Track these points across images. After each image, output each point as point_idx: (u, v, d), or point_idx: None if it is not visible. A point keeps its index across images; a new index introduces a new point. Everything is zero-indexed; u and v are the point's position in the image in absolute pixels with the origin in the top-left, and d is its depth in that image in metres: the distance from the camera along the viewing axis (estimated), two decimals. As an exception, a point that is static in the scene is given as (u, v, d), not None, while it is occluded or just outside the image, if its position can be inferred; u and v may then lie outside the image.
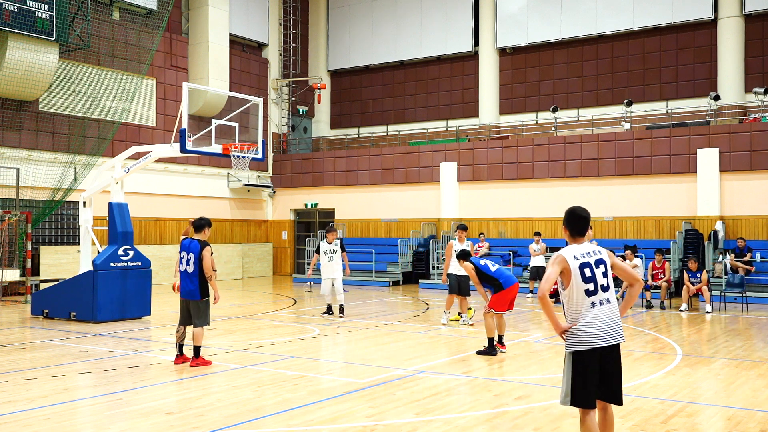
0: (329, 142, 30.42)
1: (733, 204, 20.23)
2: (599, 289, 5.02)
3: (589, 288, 4.99)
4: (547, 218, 22.94)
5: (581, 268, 5.00)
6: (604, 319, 4.98)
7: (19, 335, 12.55)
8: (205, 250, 9.29)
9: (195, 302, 9.36)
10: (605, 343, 4.94)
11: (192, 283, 9.30)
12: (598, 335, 4.93)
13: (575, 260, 5.03)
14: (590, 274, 5.00)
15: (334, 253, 14.54)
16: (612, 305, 5.08)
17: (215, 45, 25.11)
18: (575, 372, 4.94)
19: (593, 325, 4.94)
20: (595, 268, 5.05)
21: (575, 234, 5.20)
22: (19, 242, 18.62)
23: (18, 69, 18.82)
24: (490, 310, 10.45)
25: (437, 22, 27.92)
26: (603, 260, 5.11)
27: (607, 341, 4.95)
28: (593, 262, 5.05)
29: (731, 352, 10.68)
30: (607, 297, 5.05)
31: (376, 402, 7.49)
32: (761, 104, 21.21)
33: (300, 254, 28.39)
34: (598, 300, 5.00)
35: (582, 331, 4.94)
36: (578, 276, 4.99)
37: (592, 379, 4.91)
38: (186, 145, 13.41)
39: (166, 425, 6.63)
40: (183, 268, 9.38)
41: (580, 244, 5.16)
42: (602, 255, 5.13)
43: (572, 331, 4.98)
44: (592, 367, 4.92)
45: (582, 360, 4.92)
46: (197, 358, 9.34)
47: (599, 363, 4.96)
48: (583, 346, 4.93)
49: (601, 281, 5.04)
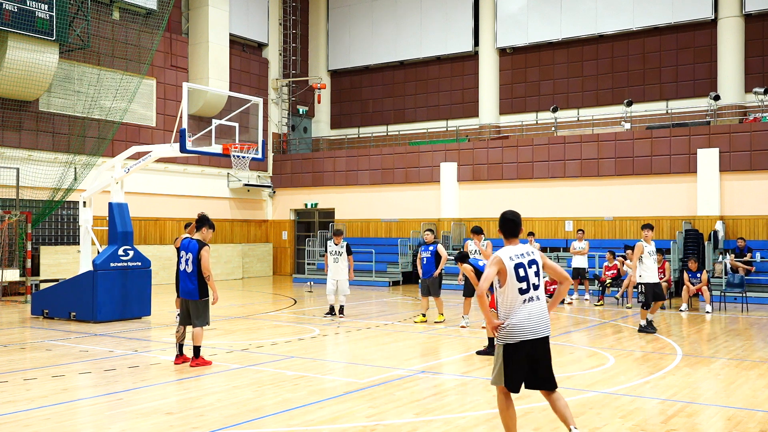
0: (329, 142, 30.42)
1: (733, 204, 20.23)
2: (531, 287, 5.45)
3: (522, 287, 5.43)
4: (547, 218, 22.94)
5: (516, 268, 5.42)
6: (534, 314, 5.41)
7: (19, 335, 12.55)
8: (204, 250, 9.27)
9: (194, 302, 9.33)
10: (534, 336, 5.38)
11: (191, 283, 9.28)
12: (528, 329, 5.35)
13: (510, 261, 5.44)
14: (524, 273, 5.42)
15: (339, 255, 14.56)
16: (541, 302, 5.50)
17: (215, 45, 25.11)
18: (506, 361, 5.39)
19: (524, 320, 5.38)
20: (528, 268, 5.47)
21: (509, 236, 5.62)
22: (19, 242, 18.63)
23: (18, 69, 18.82)
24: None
25: (437, 22, 27.92)
26: (535, 260, 5.53)
27: (535, 335, 5.38)
28: (526, 262, 5.47)
29: (731, 352, 10.67)
30: (537, 294, 5.48)
31: (376, 402, 7.49)
32: (761, 104, 21.21)
33: (300, 254, 28.38)
34: (529, 297, 5.44)
35: (514, 325, 5.37)
36: (513, 276, 5.41)
37: (521, 367, 5.36)
38: (186, 145, 13.41)
39: (166, 425, 6.63)
40: (182, 268, 9.37)
41: (514, 246, 5.57)
42: (535, 256, 5.55)
43: (505, 327, 5.40)
44: (521, 357, 5.36)
45: (512, 351, 5.35)
46: (197, 359, 9.34)
47: (527, 353, 5.37)
48: (513, 339, 5.36)
49: (533, 280, 5.48)
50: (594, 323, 14.19)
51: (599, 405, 7.37)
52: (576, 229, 20.37)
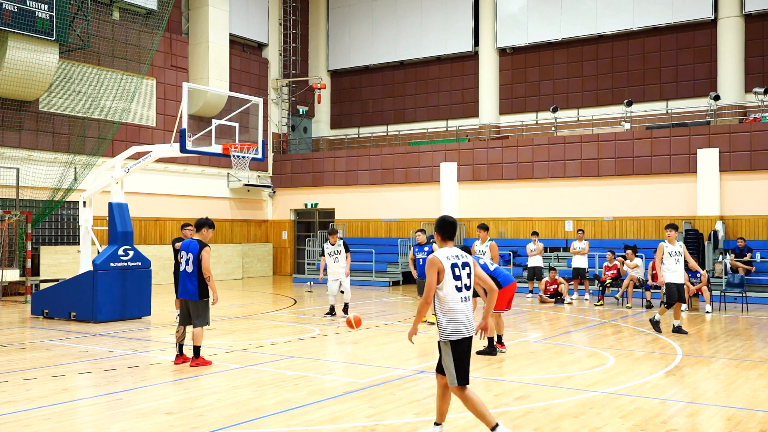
0: (329, 142, 30.42)
1: (733, 204, 20.23)
2: (464, 287, 5.82)
3: (457, 285, 5.80)
4: (547, 218, 22.95)
5: (452, 267, 5.79)
6: (468, 313, 5.82)
7: (19, 335, 12.55)
8: (204, 250, 9.29)
9: (194, 302, 9.34)
10: (468, 334, 5.80)
11: (191, 284, 9.29)
12: (466, 327, 5.78)
13: (447, 260, 5.80)
14: (458, 273, 5.80)
15: (338, 254, 14.55)
16: (470, 303, 5.90)
17: (215, 45, 25.11)
18: (456, 357, 5.73)
19: (463, 318, 5.78)
20: (462, 269, 5.86)
21: (445, 238, 6.00)
22: (19, 242, 18.63)
23: (18, 69, 18.82)
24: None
25: (437, 22, 27.92)
26: (468, 263, 5.92)
27: (469, 333, 5.81)
28: (460, 264, 5.86)
29: (731, 352, 10.67)
30: (468, 295, 5.86)
31: (376, 402, 7.49)
32: (761, 104, 21.21)
33: (300, 254, 28.39)
34: (464, 297, 5.82)
35: (458, 323, 5.75)
36: (449, 273, 5.75)
37: (467, 361, 5.79)
38: (186, 145, 13.41)
39: (166, 425, 6.63)
40: (182, 268, 9.38)
41: (450, 248, 5.94)
42: (468, 260, 5.94)
43: (447, 324, 5.74)
44: (466, 351, 5.78)
45: (458, 347, 5.74)
46: (197, 359, 9.34)
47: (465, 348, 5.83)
48: (458, 335, 5.75)
49: (465, 281, 5.85)
50: (594, 323, 14.19)
51: (599, 405, 7.37)
52: (576, 229, 20.37)
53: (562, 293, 17.83)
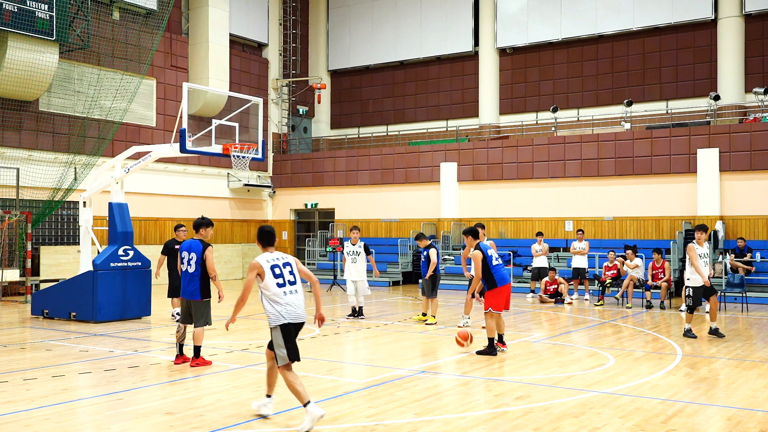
0: (329, 142, 30.42)
1: (733, 204, 20.23)
2: (287, 282, 6.80)
3: (279, 282, 6.78)
4: (547, 218, 22.95)
5: (272, 268, 6.78)
6: (295, 303, 6.77)
7: (19, 335, 12.55)
8: (208, 250, 9.30)
9: (196, 302, 9.33)
10: (296, 320, 6.74)
11: (193, 284, 9.29)
12: (291, 315, 6.70)
13: (267, 263, 6.79)
14: (279, 272, 6.79)
15: (357, 255, 14.49)
16: (300, 294, 6.86)
17: (215, 45, 25.10)
18: (285, 339, 6.66)
19: (288, 307, 6.72)
20: (283, 268, 6.85)
21: (265, 245, 7.02)
22: (19, 242, 18.63)
23: (18, 69, 18.82)
24: (489, 309, 10.41)
25: (437, 22, 27.91)
26: (289, 263, 6.92)
27: (296, 319, 6.74)
28: (281, 264, 6.87)
29: (731, 352, 10.67)
30: (295, 288, 6.83)
31: (376, 402, 7.49)
32: (761, 104, 21.22)
33: (300, 254, 28.37)
34: (288, 290, 6.77)
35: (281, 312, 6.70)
36: (270, 273, 6.76)
37: (294, 343, 6.72)
38: (186, 145, 13.41)
39: (166, 425, 6.62)
40: (184, 268, 9.36)
41: (271, 253, 6.95)
42: (289, 260, 6.95)
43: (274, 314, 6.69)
44: (292, 335, 6.70)
45: (286, 330, 6.68)
46: (197, 358, 9.35)
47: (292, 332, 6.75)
48: (283, 321, 6.68)
49: (288, 277, 6.84)
50: (594, 323, 14.19)
51: (599, 405, 7.37)
52: (576, 229, 20.37)
53: (562, 293, 17.83)
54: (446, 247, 23.75)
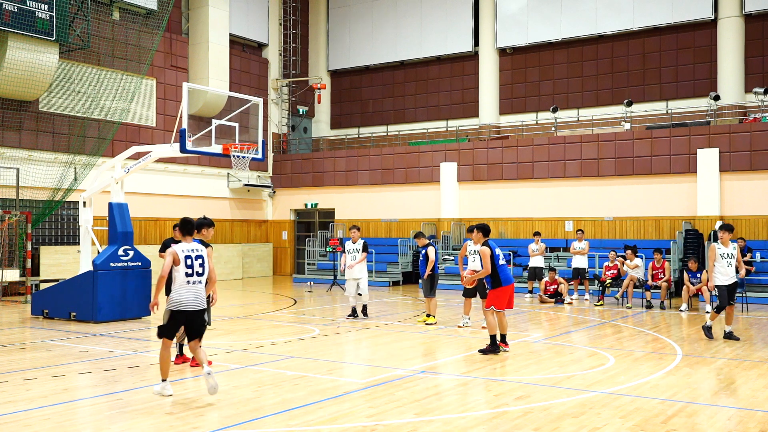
0: (329, 142, 30.42)
1: (733, 204, 20.23)
2: (195, 273, 7.71)
3: (188, 271, 7.65)
4: (547, 218, 22.95)
5: (185, 258, 7.67)
6: (194, 293, 7.68)
7: (19, 335, 12.55)
8: (209, 251, 9.18)
9: None
10: (193, 308, 7.66)
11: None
12: (187, 304, 7.61)
13: (182, 252, 7.68)
14: (190, 263, 7.68)
15: (357, 253, 14.43)
16: (201, 285, 7.78)
17: (215, 45, 25.10)
18: (171, 322, 7.70)
19: (187, 295, 7.63)
20: (195, 260, 7.75)
21: (185, 234, 7.92)
22: (19, 242, 18.63)
23: (18, 69, 18.82)
24: (491, 307, 10.41)
25: (437, 22, 27.92)
26: (201, 255, 7.82)
27: (194, 308, 7.68)
28: (194, 256, 7.75)
29: (731, 352, 10.67)
30: (200, 279, 7.76)
31: (376, 402, 7.49)
32: (761, 104, 21.21)
33: (300, 254, 28.39)
34: (193, 281, 7.70)
35: (180, 300, 7.60)
36: (183, 262, 7.62)
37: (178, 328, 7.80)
38: (186, 145, 13.41)
39: (166, 425, 6.63)
40: None
41: (188, 243, 7.86)
42: (202, 253, 7.85)
43: (174, 299, 7.61)
44: (180, 321, 7.71)
45: (175, 317, 7.65)
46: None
47: (186, 319, 7.71)
48: (178, 308, 7.60)
49: (197, 269, 7.75)
50: (594, 323, 14.19)
51: (599, 405, 7.37)
52: (576, 229, 20.37)
53: (562, 293, 17.83)
54: (446, 247, 23.75)
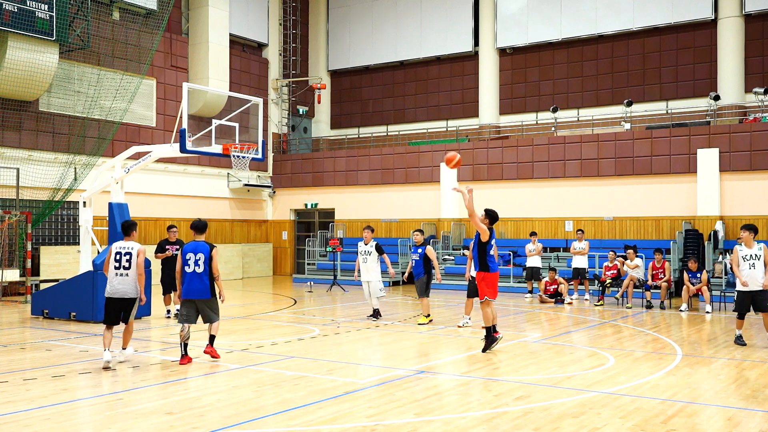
0: (329, 142, 30.42)
1: (733, 204, 20.23)
2: (121, 267, 9.47)
3: (116, 265, 9.47)
4: (547, 218, 22.95)
5: (116, 253, 9.51)
6: (121, 283, 9.48)
7: (19, 335, 12.55)
8: (215, 251, 9.66)
9: (207, 300, 9.66)
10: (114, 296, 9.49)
11: (202, 283, 9.57)
12: (114, 291, 9.48)
13: (115, 248, 9.54)
14: (119, 258, 9.50)
15: (368, 255, 14.32)
16: (127, 278, 9.47)
17: (215, 45, 25.10)
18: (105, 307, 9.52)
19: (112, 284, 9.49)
20: (123, 255, 9.49)
21: (126, 234, 9.70)
22: (19, 242, 18.63)
23: (18, 69, 18.82)
24: (485, 298, 10.46)
25: (437, 22, 27.92)
26: (130, 252, 9.53)
27: (114, 296, 9.48)
28: (123, 252, 9.53)
29: (731, 352, 10.68)
30: (126, 272, 9.47)
31: (376, 402, 7.49)
32: (761, 104, 21.22)
33: (300, 254, 28.39)
34: (119, 273, 9.45)
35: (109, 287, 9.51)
36: (113, 257, 9.52)
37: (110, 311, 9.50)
38: (186, 145, 13.40)
39: (166, 425, 6.63)
40: (190, 270, 9.56)
41: (126, 242, 9.60)
42: (132, 251, 9.54)
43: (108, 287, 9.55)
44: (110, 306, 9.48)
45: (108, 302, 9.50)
46: (211, 346, 9.77)
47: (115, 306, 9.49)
48: (107, 295, 9.52)
49: (124, 264, 9.48)
50: (594, 323, 14.19)
51: (599, 405, 7.37)
52: (576, 229, 20.37)
53: (562, 293, 17.83)
54: (446, 247, 23.75)
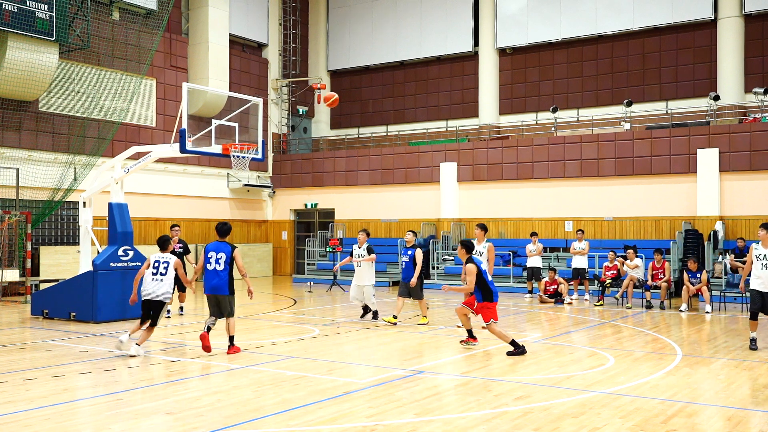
0: (329, 142, 30.42)
1: (733, 204, 20.23)
2: (159, 273, 10.24)
3: (153, 272, 10.24)
4: (547, 218, 22.95)
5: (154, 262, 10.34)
6: (154, 287, 10.27)
7: (19, 335, 12.55)
8: (237, 251, 10.37)
9: (225, 297, 10.30)
10: (148, 298, 10.20)
11: (221, 280, 10.24)
12: (147, 294, 10.24)
13: (153, 258, 10.38)
14: (157, 266, 10.33)
15: (361, 258, 14.18)
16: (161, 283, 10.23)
17: (215, 45, 25.10)
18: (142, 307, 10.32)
19: (146, 288, 10.21)
20: (161, 264, 10.25)
21: (162, 249, 10.53)
22: (19, 242, 18.62)
23: (18, 69, 18.82)
24: (491, 321, 10.38)
25: (437, 22, 27.92)
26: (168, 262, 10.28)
27: (154, 298, 10.18)
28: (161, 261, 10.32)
29: (731, 352, 10.68)
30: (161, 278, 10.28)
31: (376, 402, 7.49)
32: (761, 104, 21.22)
33: (300, 254, 28.39)
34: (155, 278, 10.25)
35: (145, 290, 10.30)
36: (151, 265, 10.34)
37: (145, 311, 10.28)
38: (186, 145, 13.40)
39: (166, 425, 6.63)
40: (211, 267, 10.25)
41: (162, 253, 10.41)
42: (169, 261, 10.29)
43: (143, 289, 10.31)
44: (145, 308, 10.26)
45: (143, 304, 10.13)
46: (232, 347, 10.38)
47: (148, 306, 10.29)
48: (143, 297, 10.13)
49: (161, 271, 10.25)
50: (594, 323, 14.19)
51: (599, 405, 7.37)
52: (576, 230, 20.37)
53: (562, 293, 17.83)
54: (446, 247, 23.75)
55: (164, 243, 10.54)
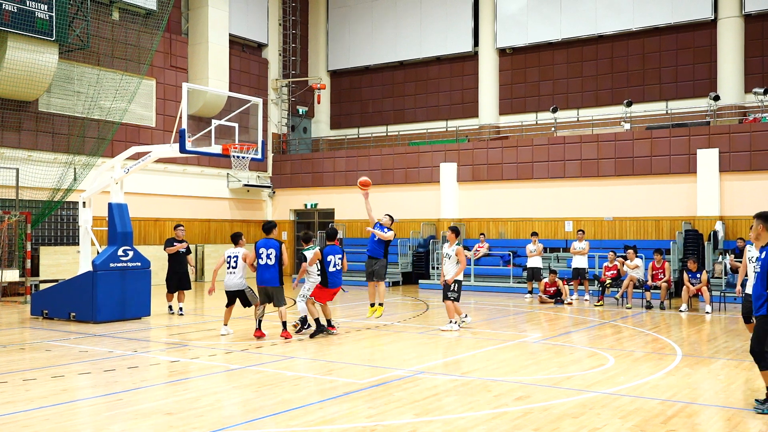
0: (329, 142, 30.41)
1: (733, 204, 20.23)
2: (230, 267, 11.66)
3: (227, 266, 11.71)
4: (547, 218, 22.94)
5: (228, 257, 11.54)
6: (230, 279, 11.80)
7: (19, 335, 12.55)
8: (284, 246, 11.64)
9: (275, 288, 11.49)
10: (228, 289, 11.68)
11: (272, 274, 11.45)
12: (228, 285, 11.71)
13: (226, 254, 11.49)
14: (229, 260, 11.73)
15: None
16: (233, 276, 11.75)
17: (215, 45, 25.10)
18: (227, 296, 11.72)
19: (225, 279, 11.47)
20: (233, 258, 11.68)
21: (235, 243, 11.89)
22: (19, 242, 18.62)
23: (18, 69, 18.81)
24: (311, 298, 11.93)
25: (437, 22, 27.92)
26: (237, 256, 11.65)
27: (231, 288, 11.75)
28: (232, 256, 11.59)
29: (731, 352, 10.68)
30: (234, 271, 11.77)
31: (376, 402, 7.49)
32: (761, 104, 21.21)
33: (300, 255, 28.33)
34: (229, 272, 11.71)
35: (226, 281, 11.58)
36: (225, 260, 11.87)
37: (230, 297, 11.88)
38: (186, 145, 13.40)
39: (166, 425, 6.62)
40: (264, 262, 11.42)
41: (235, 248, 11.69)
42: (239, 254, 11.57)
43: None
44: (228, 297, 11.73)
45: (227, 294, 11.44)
46: (285, 329, 11.70)
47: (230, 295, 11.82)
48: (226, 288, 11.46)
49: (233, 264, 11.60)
50: (594, 323, 14.19)
51: (599, 405, 7.37)
52: (576, 230, 20.37)
53: (562, 293, 17.82)
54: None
55: (236, 238, 11.99)
